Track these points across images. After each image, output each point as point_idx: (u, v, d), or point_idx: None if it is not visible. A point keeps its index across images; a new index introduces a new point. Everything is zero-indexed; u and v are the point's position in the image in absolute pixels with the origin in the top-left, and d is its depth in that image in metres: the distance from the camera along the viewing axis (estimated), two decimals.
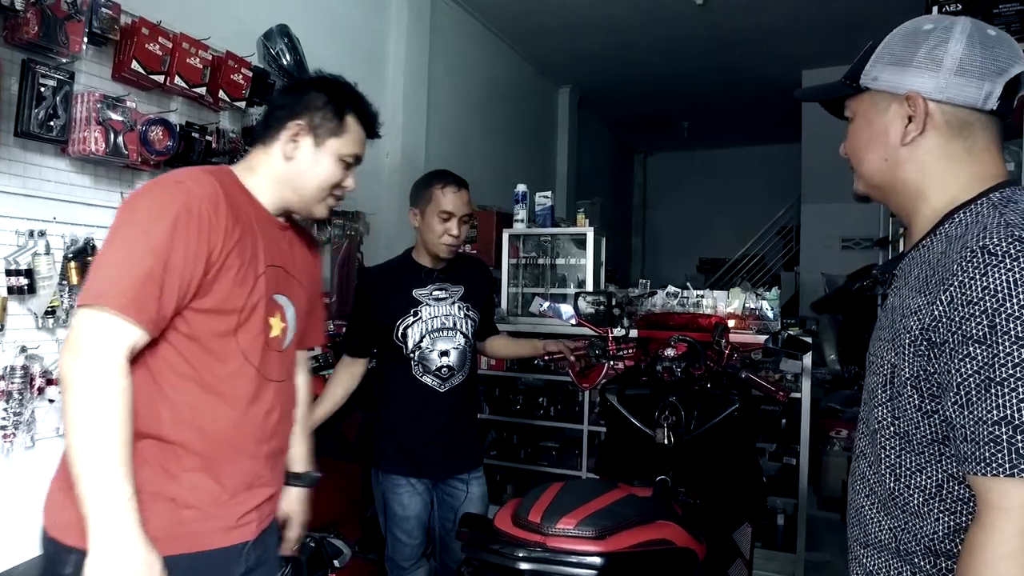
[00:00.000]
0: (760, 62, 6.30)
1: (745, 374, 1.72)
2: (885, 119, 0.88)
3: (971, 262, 0.74)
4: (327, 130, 1.30)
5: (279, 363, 1.29)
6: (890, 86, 0.87)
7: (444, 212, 1.93)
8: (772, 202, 9.17)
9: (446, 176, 2.00)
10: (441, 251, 1.97)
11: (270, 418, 1.26)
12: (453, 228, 1.94)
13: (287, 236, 1.35)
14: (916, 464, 0.81)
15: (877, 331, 0.91)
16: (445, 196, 1.94)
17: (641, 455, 1.92)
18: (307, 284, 1.41)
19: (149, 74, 2.50)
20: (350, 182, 1.38)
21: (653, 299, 3.22)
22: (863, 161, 0.92)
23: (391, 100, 4.23)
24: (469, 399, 2.03)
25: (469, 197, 2.00)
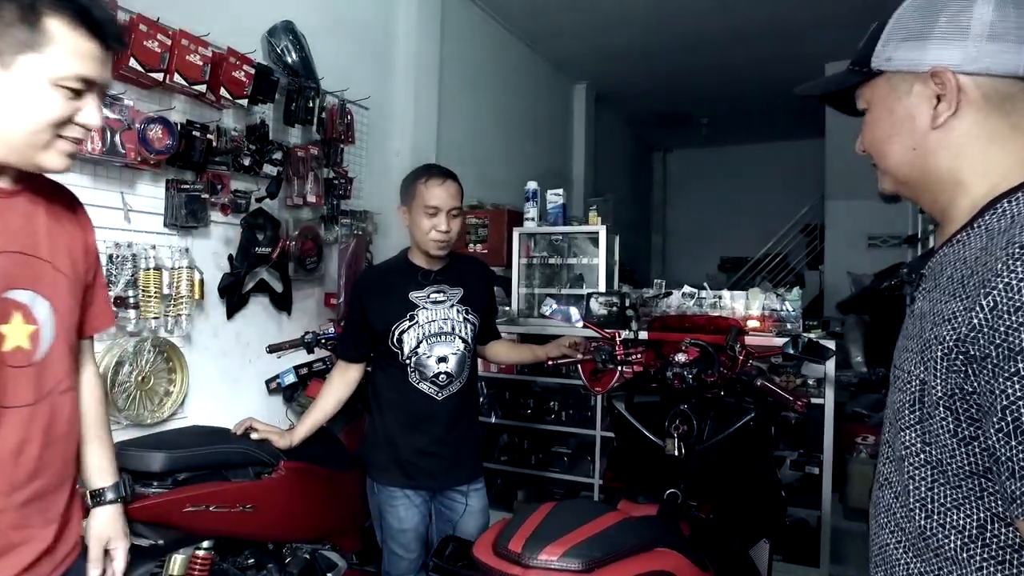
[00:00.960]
0: (781, 56, 6.13)
1: (760, 382, 1.61)
2: (908, 103, 0.76)
3: (1020, 260, 0.62)
4: (14, 42, 0.91)
5: (30, 381, 1.02)
6: (909, 64, 0.75)
7: (429, 207, 1.84)
8: (795, 199, 8.96)
9: (431, 169, 1.91)
10: (430, 248, 1.87)
11: (24, 454, 1.01)
12: (441, 223, 1.85)
13: (17, 205, 1.02)
14: (953, 500, 0.68)
15: (903, 340, 0.78)
16: (429, 190, 1.85)
17: (650, 466, 1.81)
18: (68, 263, 1.09)
19: (148, 71, 2.45)
20: (88, 116, 0.99)
21: (668, 300, 3.10)
22: (887, 154, 0.80)
23: (401, 98, 4.16)
24: (468, 407, 1.93)
25: (458, 189, 1.90)
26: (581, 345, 1.97)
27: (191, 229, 2.77)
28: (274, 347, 2.47)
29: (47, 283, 1.05)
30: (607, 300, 3.11)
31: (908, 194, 0.82)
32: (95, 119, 1.01)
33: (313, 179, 3.26)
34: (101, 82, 1.01)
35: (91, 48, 0.96)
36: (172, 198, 2.68)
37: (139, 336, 2.53)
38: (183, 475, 1.55)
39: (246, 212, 2.99)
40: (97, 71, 0.98)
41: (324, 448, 2.00)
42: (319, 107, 3.32)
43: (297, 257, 3.25)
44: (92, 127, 1.02)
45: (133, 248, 2.50)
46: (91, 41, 0.96)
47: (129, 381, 2.50)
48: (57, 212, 1.11)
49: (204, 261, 2.84)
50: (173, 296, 2.65)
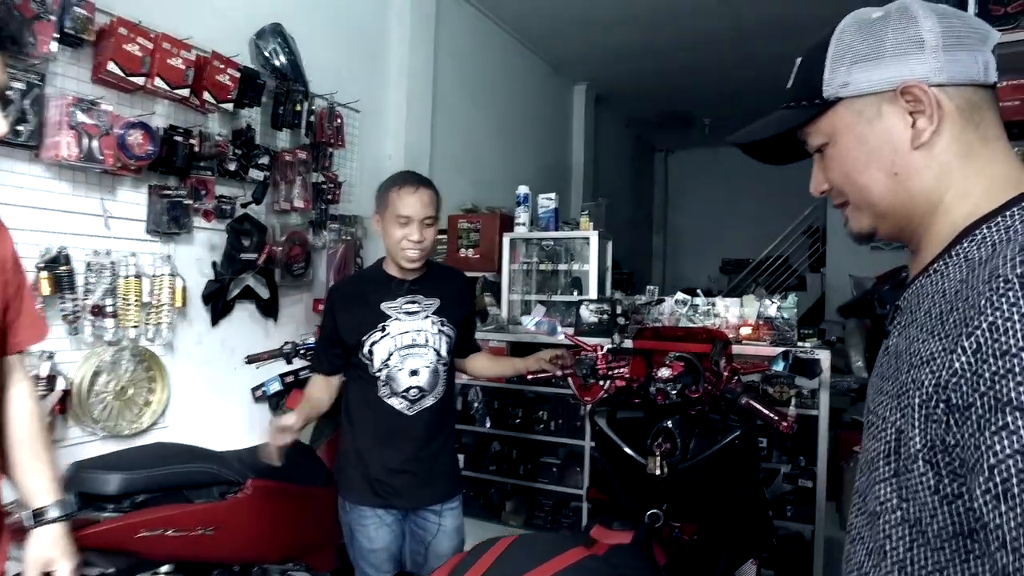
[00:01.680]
0: (784, 55, 5.95)
1: (745, 400, 1.54)
2: (881, 126, 0.70)
3: (1005, 296, 0.55)
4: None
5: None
6: (872, 85, 0.70)
7: (401, 216, 1.78)
8: (797, 201, 8.82)
9: (404, 177, 1.84)
10: (402, 259, 1.81)
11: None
12: (413, 233, 1.78)
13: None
14: (934, 563, 0.61)
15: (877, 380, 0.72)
16: (401, 199, 1.78)
17: (633, 485, 1.75)
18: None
19: (128, 76, 2.41)
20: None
21: (661, 307, 3.04)
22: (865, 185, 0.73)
23: (394, 100, 4.10)
24: (443, 423, 1.87)
25: (432, 198, 1.82)
26: (563, 358, 1.91)
27: (174, 235, 2.72)
28: (252, 357, 2.42)
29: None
30: (598, 308, 3.05)
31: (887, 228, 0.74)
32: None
33: (301, 184, 3.21)
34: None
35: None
36: (154, 204, 2.64)
37: (117, 345, 2.49)
38: (140, 497, 1.49)
39: (231, 218, 2.94)
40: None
41: (298, 464, 1.94)
42: (308, 110, 3.27)
43: (284, 263, 3.20)
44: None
45: (112, 256, 2.45)
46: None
47: (106, 391, 2.46)
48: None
49: (187, 268, 2.80)
50: (154, 304, 2.60)
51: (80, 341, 2.39)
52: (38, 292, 2.21)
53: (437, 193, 1.86)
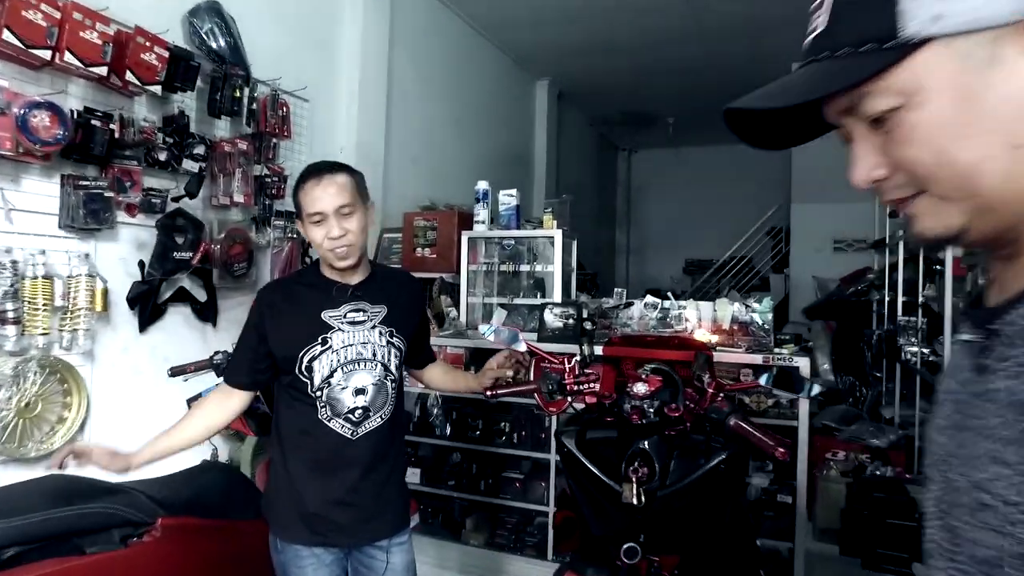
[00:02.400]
0: (748, 56, 5.97)
1: (734, 421, 1.37)
2: (999, 74, 0.47)
3: None
4: None
5: None
6: (980, 17, 0.46)
7: (312, 214, 1.55)
8: (761, 202, 8.87)
9: (306, 171, 1.60)
10: (332, 260, 1.58)
11: None
12: (333, 229, 1.53)
13: None
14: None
15: (970, 434, 0.51)
16: (307, 195, 1.55)
17: (605, 513, 1.55)
18: None
19: (28, 48, 2.11)
20: None
21: (630, 311, 2.86)
22: (968, 164, 0.48)
23: (345, 90, 3.85)
24: (390, 446, 1.63)
25: (344, 183, 1.56)
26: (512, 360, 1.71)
27: (93, 232, 2.43)
28: (176, 370, 2.14)
29: None
30: (563, 312, 2.86)
31: (987, 226, 0.51)
32: None
33: (242, 176, 2.94)
34: None
35: None
36: (68, 196, 2.34)
37: (22, 356, 2.19)
38: (12, 551, 1.21)
39: (162, 212, 2.66)
40: None
41: (223, 495, 1.68)
42: (249, 97, 3.00)
43: (223, 263, 2.93)
44: None
45: (13, 254, 2.16)
46: None
47: (8, 408, 2.16)
48: None
49: (110, 268, 2.52)
50: (69, 308, 2.31)
51: None
52: None
53: (354, 175, 1.61)
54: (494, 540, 3.07)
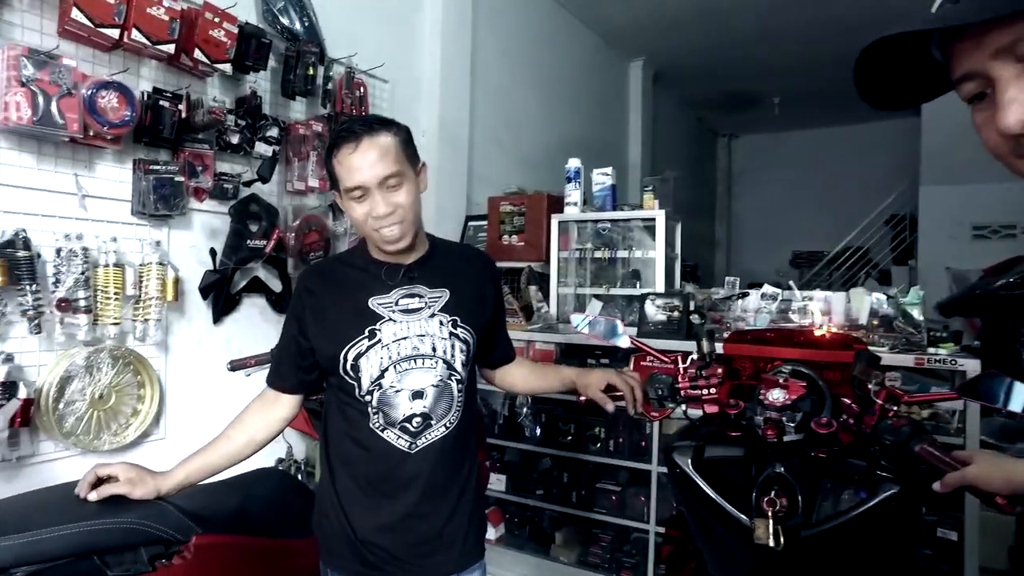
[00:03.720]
0: (871, 17, 5.31)
1: (919, 446, 1.00)
2: None
3: None
4: None
5: None
6: None
7: (350, 189, 1.25)
8: (879, 187, 8.08)
9: (340, 132, 1.29)
10: (379, 242, 1.30)
11: None
12: (378, 206, 1.23)
13: None
14: None
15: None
16: (342, 165, 1.25)
17: (730, 553, 1.23)
18: None
19: (98, 27, 2.01)
20: None
21: (744, 302, 2.48)
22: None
23: (427, 68, 3.65)
24: (460, 462, 1.34)
25: (387, 147, 1.24)
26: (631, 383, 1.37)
27: (165, 218, 2.33)
28: (237, 364, 1.98)
29: None
30: (666, 303, 2.50)
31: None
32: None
33: (317, 160, 2.79)
34: None
35: None
36: (140, 181, 2.25)
37: (94, 346, 2.11)
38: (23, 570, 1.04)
39: (235, 198, 2.54)
40: None
41: (273, 508, 1.47)
42: (324, 76, 2.85)
43: (298, 251, 2.79)
44: None
45: (85, 240, 2.07)
46: None
47: (79, 400, 2.08)
48: None
49: (182, 256, 2.42)
50: (140, 297, 2.22)
51: (48, 341, 2.02)
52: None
53: (397, 132, 1.28)
54: (587, 558, 2.76)
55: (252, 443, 1.34)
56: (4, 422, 1.88)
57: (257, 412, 1.38)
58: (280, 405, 1.38)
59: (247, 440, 1.35)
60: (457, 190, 3.79)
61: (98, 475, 1.22)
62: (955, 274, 5.82)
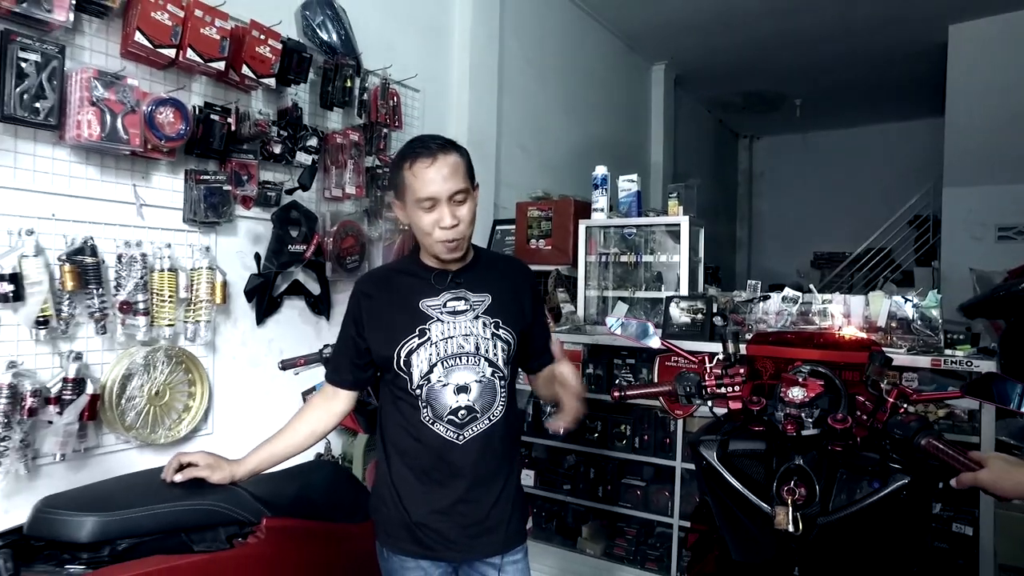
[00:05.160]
0: (892, 20, 5.33)
1: (926, 440, 1.10)
2: None
3: None
4: None
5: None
6: None
7: (423, 199, 1.38)
8: (902, 188, 8.06)
9: (415, 147, 1.41)
10: (439, 251, 1.42)
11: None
12: (445, 218, 1.37)
13: None
14: None
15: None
16: (417, 177, 1.38)
17: (752, 539, 1.33)
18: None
19: (157, 47, 2.15)
20: None
21: (765, 305, 2.56)
22: None
23: (456, 77, 3.78)
24: (504, 453, 1.46)
25: (457, 164, 1.39)
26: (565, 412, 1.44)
27: (213, 225, 2.48)
28: (287, 363, 2.12)
29: None
30: (690, 306, 2.60)
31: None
32: None
33: (354, 168, 2.92)
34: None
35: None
36: (191, 190, 2.40)
37: (151, 346, 2.25)
38: (124, 543, 1.18)
39: (277, 205, 2.68)
40: None
41: (330, 495, 1.60)
42: (360, 87, 2.98)
43: (336, 255, 2.92)
44: None
45: (143, 247, 2.21)
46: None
47: (139, 396, 2.23)
48: None
49: (229, 260, 2.56)
50: (192, 300, 2.36)
51: (111, 340, 2.17)
52: (62, 287, 2.00)
53: (464, 154, 1.44)
54: (612, 551, 2.87)
55: (314, 435, 1.48)
56: (75, 416, 2.03)
57: (318, 406, 1.52)
58: (338, 400, 1.52)
59: (309, 432, 1.49)
60: (485, 195, 3.91)
61: (181, 461, 1.36)
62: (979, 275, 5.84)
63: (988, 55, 5.34)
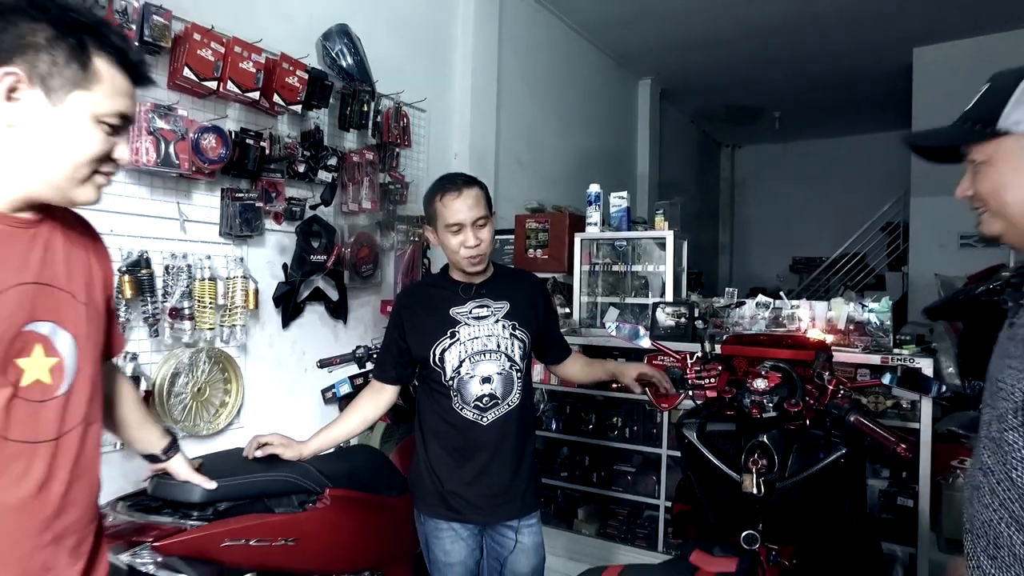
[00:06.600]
0: (864, 43, 5.72)
1: (855, 418, 1.40)
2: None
3: None
4: (67, 80, 0.92)
5: (53, 415, 0.99)
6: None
7: (451, 225, 1.70)
8: (875, 196, 8.43)
9: (444, 183, 1.76)
10: (465, 266, 1.74)
11: (49, 491, 0.99)
12: (468, 239, 1.69)
13: (39, 236, 1.00)
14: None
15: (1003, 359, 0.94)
16: (447, 207, 1.70)
17: (723, 502, 1.63)
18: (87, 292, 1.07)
19: (202, 80, 2.43)
20: (122, 151, 1.01)
21: (741, 310, 2.88)
22: (1007, 203, 0.94)
23: (459, 98, 4.06)
24: (519, 433, 1.77)
25: (479, 196, 1.72)
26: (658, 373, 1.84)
27: (246, 238, 2.74)
28: (325, 361, 2.40)
29: (68, 314, 1.03)
30: (675, 311, 2.91)
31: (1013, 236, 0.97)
32: (127, 155, 1.03)
33: (369, 184, 3.19)
34: (132, 118, 1.04)
35: (128, 86, 1.00)
36: (227, 207, 2.66)
37: (195, 347, 2.52)
38: (224, 505, 1.48)
39: (301, 220, 2.94)
40: (132, 108, 1.02)
41: (373, 472, 1.90)
42: (374, 110, 3.26)
43: (353, 264, 3.19)
44: (124, 162, 1.04)
45: (188, 259, 2.48)
46: (128, 80, 0.99)
47: (185, 392, 2.49)
48: (75, 241, 1.09)
49: (259, 270, 2.82)
50: (228, 306, 2.62)
51: (160, 343, 2.43)
52: (121, 295, 2.25)
53: (483, 188, 1.76)
54: (605, 531, 3.17)
55: (365, 422, 1.80)
56: None
57: (368, 399, 1.84)
58: (385, 393, 1.83)
59: (361, 420, 1.81)
60: None
61: (259, 442, 1.66)
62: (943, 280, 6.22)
63: (950, 76, 5.70)
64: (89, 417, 1.07)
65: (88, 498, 1.08)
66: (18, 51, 0.90)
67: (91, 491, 1.09)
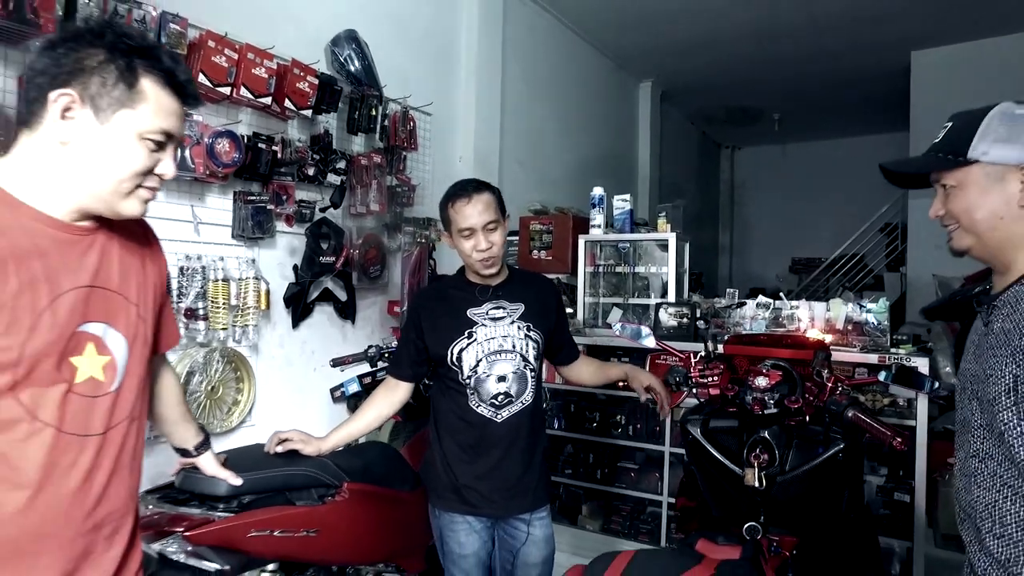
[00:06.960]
0: (862, 45, 5.78)
1: (852, 413, 1.47)
2: (1001, 186, 1.05)
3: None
4: (113, 99, 0.99)
5: (103, 411, 1.06)
6: (1003, 159, 1.04)
7: (463, 229, 1.77)
8: (874, 197, 8.46)
9: (456, 189, 1.82)
10: (478, 268, 1.81)
11: (93, 482, 1.05)
12: (480, 242, 1.76)
13: (95, 243, 1.07)
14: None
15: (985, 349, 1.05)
16: (458, 213, 1.77)
17: (726, 496, 1.69)
18: (139, 294, 1.14)
19: (216, 87, 2.49)
20: (166, 167, 1.07)
21: (742, 311, 2.94)
22: (976, 221, 1.07)
23: (463, 102, 4.13)
24: (531, 430, 1.84)
25: (489, 201, 1.78)
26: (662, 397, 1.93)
27: (257, 240, 2.80)
28: (338, 360, 2.46)
29: (120, 315, 1.10)
30: (677, 311, 2.98)
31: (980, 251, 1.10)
32: (171, 170, 1.09)
33: (376, 187, 3.25)
34: (178, 136, 1.10)
35: (174, 105, 1.06)
36: (239, 210, 2.72)
37: (208, 347, 2.58)
38: (248, 498, 1.55)
39: (310, 222, 3.00)
40: (177, 126, 1.08)
41: (387, 467, 1.96)
42: (382, 114, 3.31)
43: (361, 266, 3.25)
44: (167, 177, 1.10)
45: (203, 260, 2.54)
46: (175, 99, 1.05)
47: (199, 391, 2.55)
48: (130, 245, 1.16)
49: (270, 271, 2.87)
50: (240, 307, 2.68)
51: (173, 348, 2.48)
52: None
53: (495, 193, 1.82)
54: (609, 526, 3.24)
55: (380, 417, 1.86)
56: None
57: (383, 396, 1.89)
58: (400, 390, 1.89)
59: (377, 415, 1.87)
60: None
61: (280, 438, 1.72)
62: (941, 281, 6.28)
63: (947, 78, 5.78)
64: (135, 412, 1.13)
65: (127, 489, 1.14)
66: (75, 74, 0.98)
67: (131, 482, 1.15)
